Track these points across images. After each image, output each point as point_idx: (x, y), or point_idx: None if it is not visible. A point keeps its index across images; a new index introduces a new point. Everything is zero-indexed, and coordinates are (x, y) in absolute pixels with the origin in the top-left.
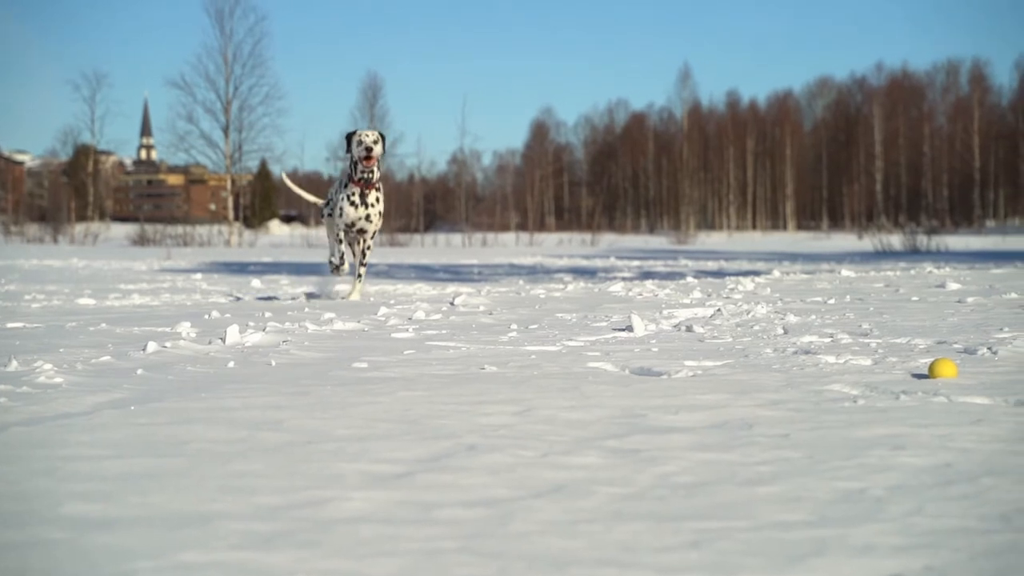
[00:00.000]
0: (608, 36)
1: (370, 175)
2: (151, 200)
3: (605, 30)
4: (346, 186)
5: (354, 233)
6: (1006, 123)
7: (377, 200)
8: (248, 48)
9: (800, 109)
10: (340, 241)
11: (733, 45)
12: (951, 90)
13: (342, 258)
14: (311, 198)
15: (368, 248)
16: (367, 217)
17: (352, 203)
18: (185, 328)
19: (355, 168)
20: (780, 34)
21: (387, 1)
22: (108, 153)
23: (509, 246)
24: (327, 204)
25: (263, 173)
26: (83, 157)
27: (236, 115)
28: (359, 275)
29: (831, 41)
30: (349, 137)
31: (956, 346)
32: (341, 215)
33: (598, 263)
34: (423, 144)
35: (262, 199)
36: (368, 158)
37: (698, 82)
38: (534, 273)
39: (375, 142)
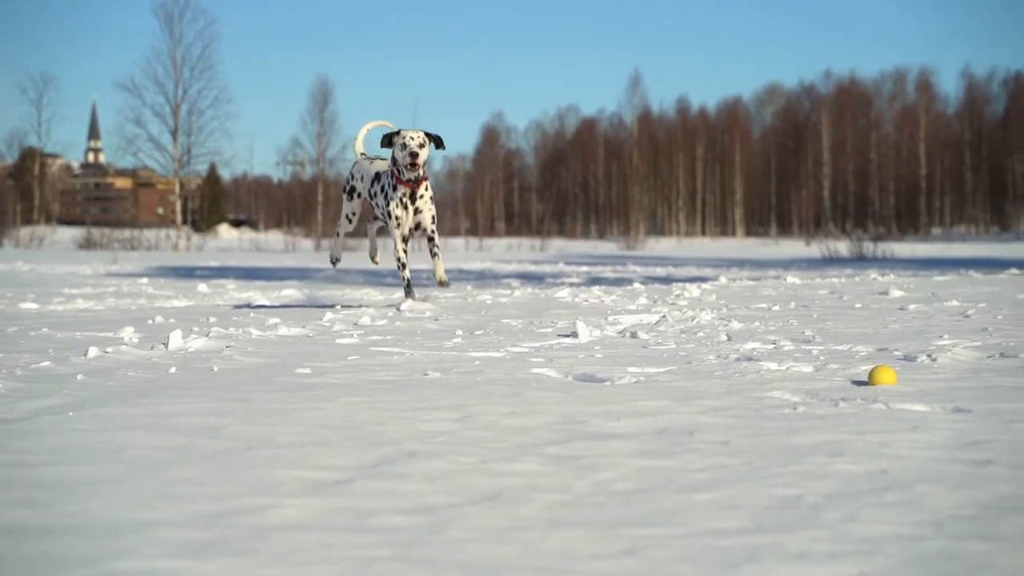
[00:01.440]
0: (559, 42)
1: (416, 176)
2: (98, 203)
3: (556, 36)
4: (395, 188)
5: (414, 232)
6: (952, 131)
7: (427, 188)
8: (197, 51)
9: (749, 116)
10: (401, 264)
11: (683, 52)
12: (898, 98)
13: (408, 287)
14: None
15: (433, 232)
16: (416, 211)
17: (404, 206)
18: (128, 333)
19: (402, 171)
20: (730, 41)
21: (337, 6)
22: (55, 156)
23: (458, 251)
24: (349, 198)
25: (212, 177)
26: (29, 160)
27: (185, 119)
28: (434, 254)
29: (780, 48)
30: (390, 138)
31: (896, 353)
32: (399, 225)
33: (547, 268)
34: (373, 149)
35: (211, 203)
36: (414, 164)
37: (648, 88)
38: (482, 278)
39: (421, 146)
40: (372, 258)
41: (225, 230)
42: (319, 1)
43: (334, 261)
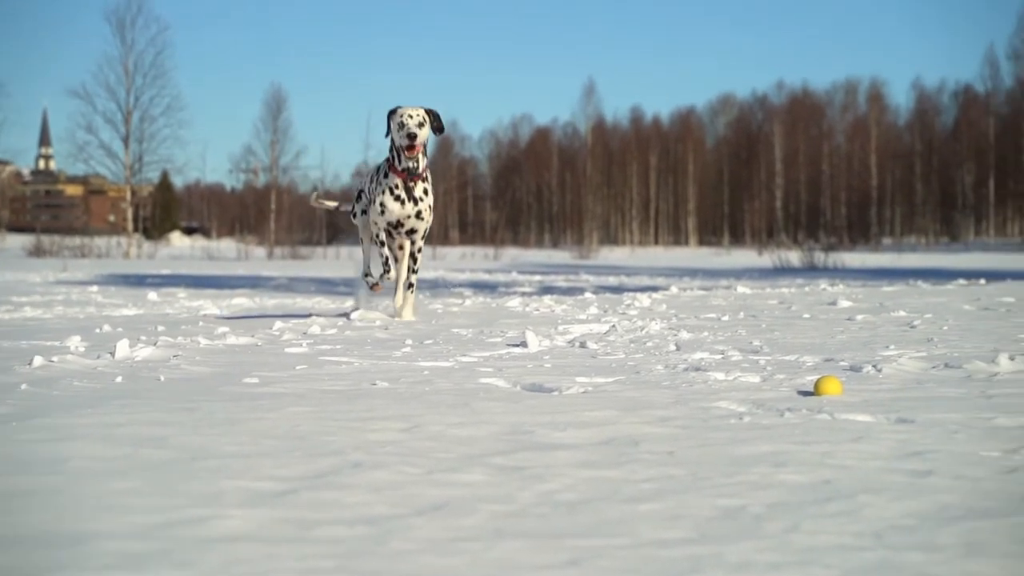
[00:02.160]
0: (513, 51)
1: (415, 165)
2: (49, 211)
3: (510, 45)
4: (387, 175)
5: (401, 234)
6: (903, 142)
7: (426, 192)
8: (150, 58)
9: (703, 126)
10: (383, 244)
11: (637, 61)
12: (850, 109)
13: (387, 263)
14: (345, 206)
15: (419, 251)
16: (417, 214)
17: (396, 197)
18: (75, 342)
19: (398, 156)
20: (683, 51)
21: (291, 14)
22: (5, 163)
23: None
24: (357, 200)
25: (164, 184)
26: None
27: (137, 126)
28: (410, 285)
29: (733, 59)
30: (390, 116)
31: (843, 363)
32: (383, 212)
33: (500, 277)
34: (327, 156)
35: (163, 210)
36: (411, 147)
37: (602, 98)
38: (435, 287)
39: (420, 125)
40: (369, 279)
41: (177, 238)
42: (273, 9)
43: (371, 285)
